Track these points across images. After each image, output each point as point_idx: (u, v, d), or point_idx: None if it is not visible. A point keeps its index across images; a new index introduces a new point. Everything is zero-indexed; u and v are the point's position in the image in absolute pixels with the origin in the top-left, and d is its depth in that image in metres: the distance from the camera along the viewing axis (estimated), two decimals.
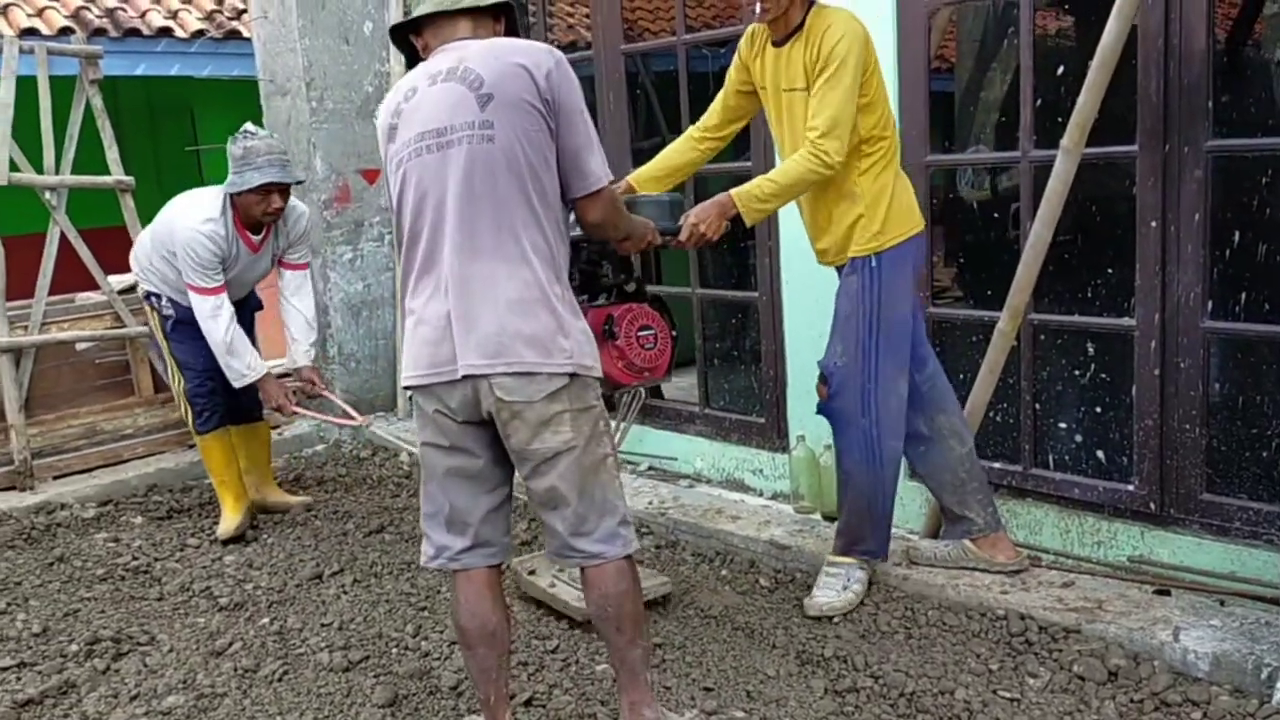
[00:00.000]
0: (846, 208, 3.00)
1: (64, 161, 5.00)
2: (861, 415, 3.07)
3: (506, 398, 2.27)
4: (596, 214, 2.43)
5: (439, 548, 2.46)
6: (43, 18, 7.64)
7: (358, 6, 5.34)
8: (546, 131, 2.31)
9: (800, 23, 2.92)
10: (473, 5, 2.43)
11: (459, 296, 2.28)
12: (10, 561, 4.10)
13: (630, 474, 4.54)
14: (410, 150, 2.34)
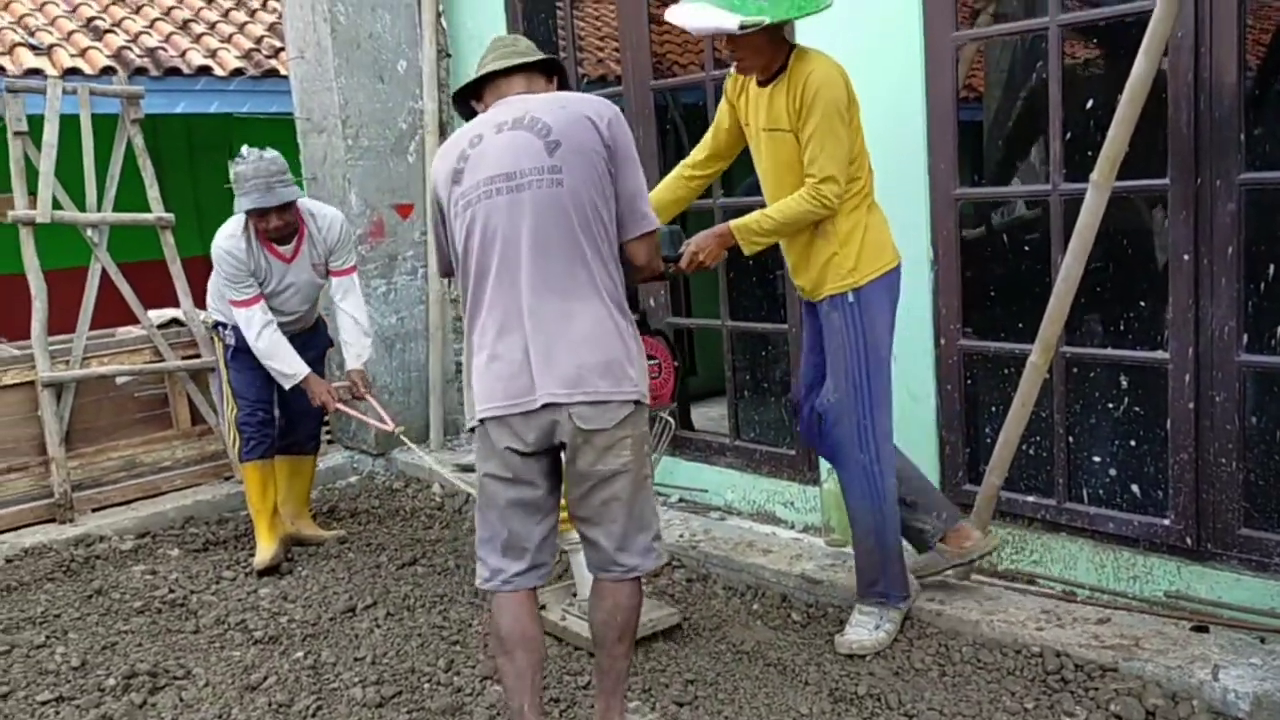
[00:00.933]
0: (821, 246, 3.08)
1: (105, 199, 5.11)
2: (860, 451, 3.11)
3: (585, 426, 2.46)
4: (644, 255, 2.65)
5: (495, 570, 2.61)
6: (85, 58, 7.80)
7: (391, 45, 5.43)
8: (608, 176, 2.53)
9: (783, 65, 3.01)
10: (524, 61, 2.65)
11: (536, 331, 2.46)
12: (50, 594, 4.16)
13: (661, 506, 4.53)
14: (480, 193, 2.51)
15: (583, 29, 9.03)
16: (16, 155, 4.90)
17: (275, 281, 4.23)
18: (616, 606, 2.59)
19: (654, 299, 4.74)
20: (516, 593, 2.60)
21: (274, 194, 3.99)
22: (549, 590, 3.64)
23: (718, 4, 2.85)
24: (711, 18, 2.85)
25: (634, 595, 2.62)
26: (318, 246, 4.30)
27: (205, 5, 9.27)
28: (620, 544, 2.57)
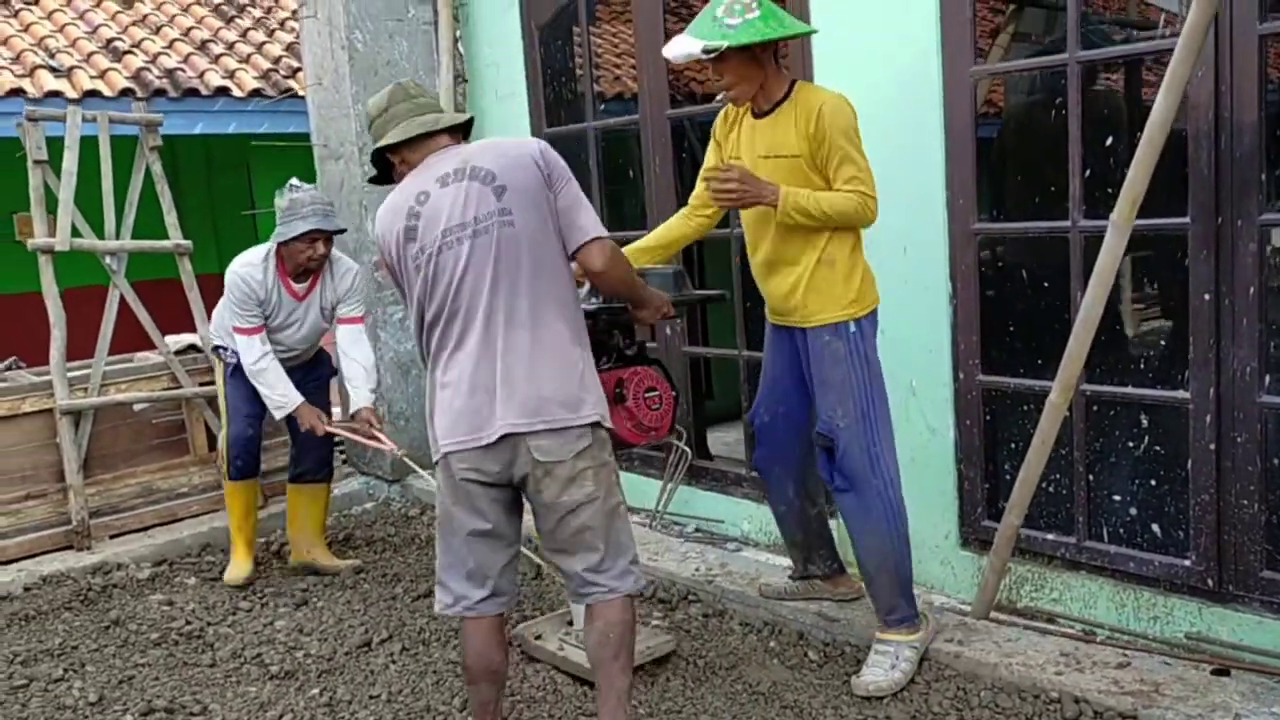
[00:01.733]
0: (824, 273, 3.16)
1: (124, 226, 5.14)
2: (873, 476, 3.17)
3: (542, 458, 2.57)
4: (597, 261, 2.69)
5: (457, 597, 2.72)
6: (105, 79, 7.87)
7: (409, 73, 5.44)
8: (550, 205, 2.65)
9: (785, 95, 3.12)
10: (451, 124, 2.80)
11: (502, 364, 2.58)
12: (68, 624, 4.17)
13: (677, 536, 4.53)
14: (438, 245, 2.63)
15: (599, 45, 9.06)
16: (36, 183, 4.94)
17: (283, 316, 4.32)
18: (608, 624, 2.69)
19: (670, 328, 4.73)
20: (481, 620, 2.72)
21: (330, 220, 4.19)
22: (545, 620, 3.69)
23: (691, 34, 3.02)
24: (683, 45, 3.02)
25: (624, 611, 2.70)
26: (328, 291, 4.40)
27: (224, 25, 9.35)
28: (595, 568, 2.68)
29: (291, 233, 4.12)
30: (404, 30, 5.43)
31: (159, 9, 9.42)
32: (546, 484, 2.61)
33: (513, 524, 2.74)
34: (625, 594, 2.70)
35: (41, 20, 8.67)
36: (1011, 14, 4.86)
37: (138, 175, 5.21)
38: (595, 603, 2.71)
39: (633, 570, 2.73)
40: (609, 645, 2.69)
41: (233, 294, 4.21)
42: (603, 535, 2.67)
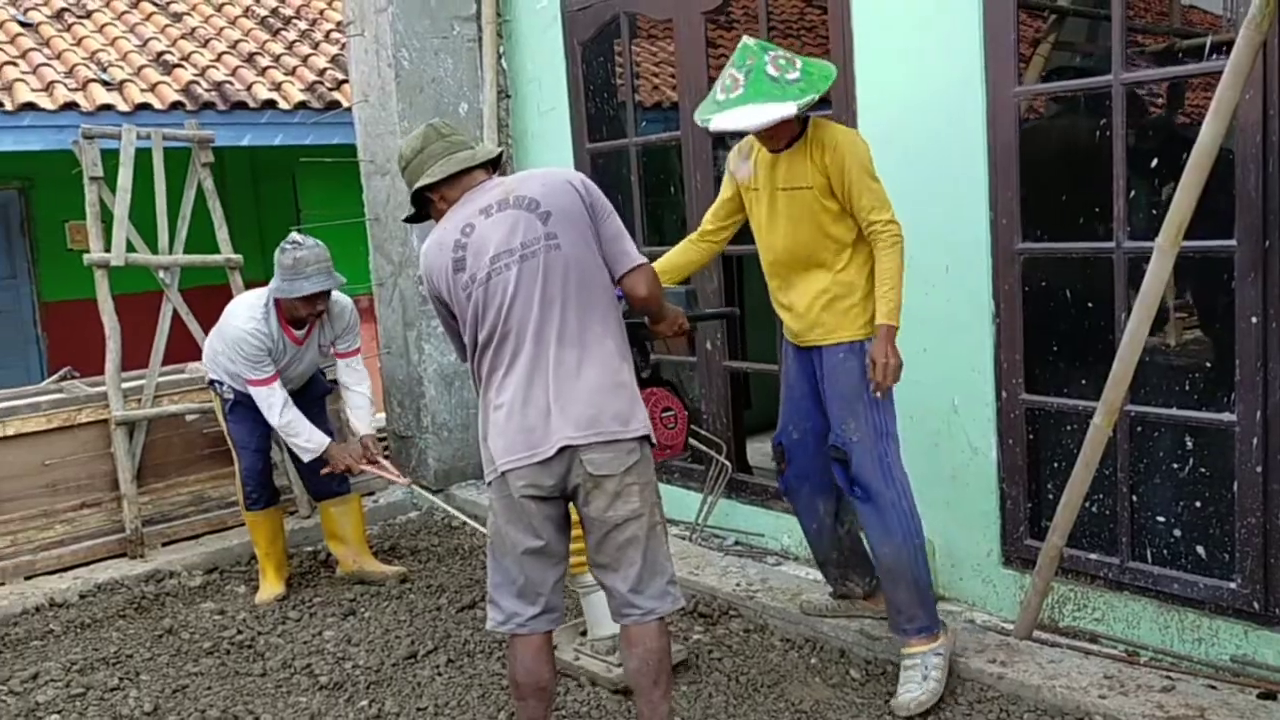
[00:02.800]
0: (843, 294, 3.27)
1: (177, 240, 5.25)
2: (887, 487, 3.26)
3: (594, 471, 2.65)
4: (643, 287, 2.85)
5: (509, 614, 2.79)
6: (155, 93, 8.02)
7: (453, 89, 5.53)
8: (594, 231, 2.77)
9: (800, 133, 3.23)
10: (486, 159, 2.90)
11: (555, 383, 2.66)
12: (122, 632, 4.28)
13: (717, 550, 4.56)
14: (487, 272, 2.72)
15: (637, 54, 9.10)
16: (92, 199, 5.06)
17: (285, 360, 4.43)
18: (647, 651, 2.75)
19: (711, 343, 4.77)
20: (531, 637, 2.78)
21: (333, 277, 4.26)
22: (560, 630, 3.69)
23: (763, 100, 3.07)
24: (772, 111, 3.04)
25: (660, 637, 2.76)
26: (326, 330, 4.52)
27: (270, 38, 9.49)
28: (635, 587, 2.73)
29: (297, 292, 4.19)
30: (449, 48, 5.51)
31: (207, 22, 9.59)
32: (595, 496, 2.68)
33: (562, 541, 2.81)
34: (662, 616, 2.76)
35: (94, 34, 8.86)
36: (1053, 23, 4.85)
37: (189, 190, 5.32)
38: (633, 625, 2.76)
39: (670, 590, 2.79)
40: (648, 673, 2.75)
41: (242, 349, 4.26)
42: (642, 551, 2.73)
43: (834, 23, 4.01)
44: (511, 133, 5.67)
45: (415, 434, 5.78)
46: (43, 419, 4.89)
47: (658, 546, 2.77)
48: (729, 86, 3.15)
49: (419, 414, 5.71)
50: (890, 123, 3.83)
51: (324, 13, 10.24)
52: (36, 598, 4.60)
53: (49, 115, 7.59)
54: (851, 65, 3.93)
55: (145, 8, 9.59)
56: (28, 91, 7.59)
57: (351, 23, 5.64)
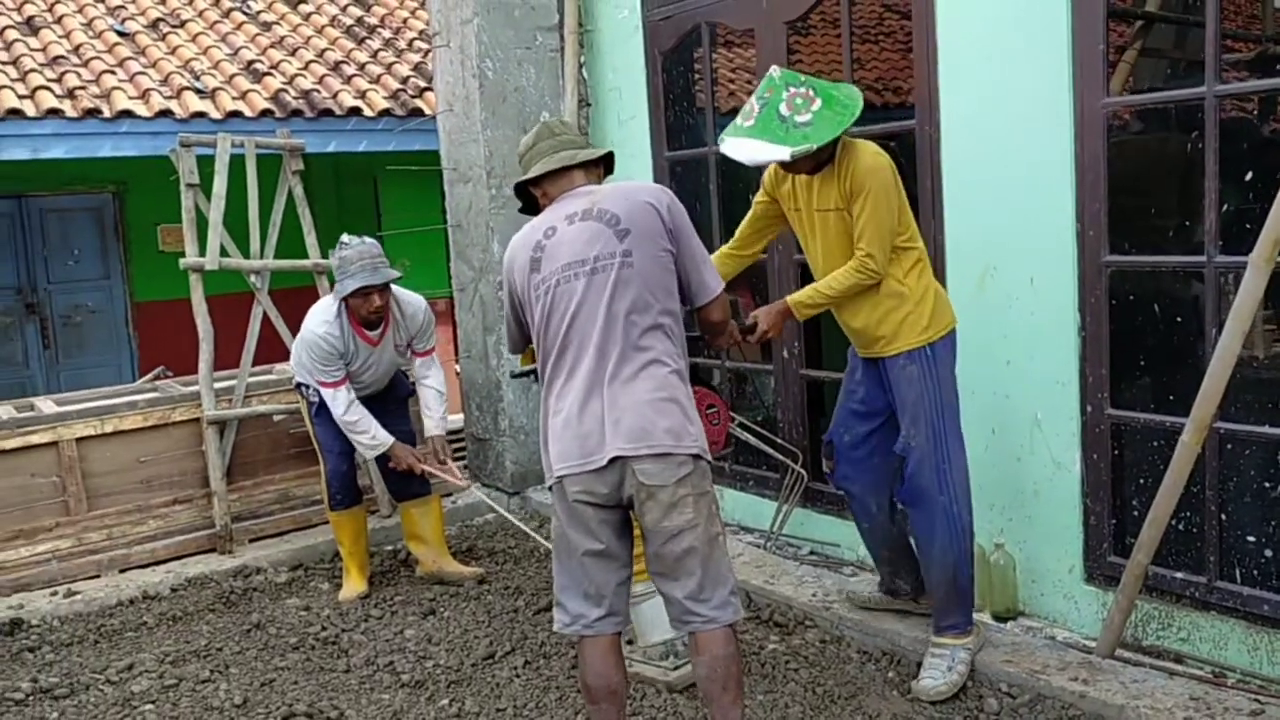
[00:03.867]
0: (895, 304, 3.37)
1: (268, 245, 5.41)
2: (940, 493, 3.37)
3: (646, 481, 2.72)
4: (718, 314, 3.01)
5: (575, 616, 2.85)
6: (246, 100, 8.24)
7: (535, 98, 5.61)
8: (670, 254, 2.85)
9: (830, 156, 3.32)
10: (587, 159, 2.99)
11: (611, 395, 2.75)
12: (212, 625, 4.42)
13: (792, 559, 4.56)
14: (558, 277, 2.82)
15: (715, 60, 9.13)
16: (188, 205, 5.24)
17: (360, 361, 4.55)
18: (714, 658, 2.78)
19: (788, 350, 4.78)
20: (600, 640, 2.84)
21: (379, 273, 4.34)
22: None
23: (766, 138, 3.24)
24: (767, 152, 3.24)
25: (728, 644, 2.80)
26: (400, 331, 4.62)
27: (355, 47, 9.70)
28: (696, 596, 2.78)
29: (344, 290, 4.33)
30: (532, 58, 5.59)
31: (295, 31, 9.83)
32: (650, 506, 2.74)
33: (624, 545, 2.87)
34: (725, 624, 2.79)
35: (187, 43, 9.13)
36: (1139, 30, 4.76)
37: (280, 197, 5.48)
38: (697, 632, 2.81)
39: (732, 601, 2.83)
40: (717, 680, 2.79)
41: (315, 353, 4.41)
42: (701, 561, 2.77)
43: (918, 31, 4.00)
44: (591, 141, 5.73)
45: (493, 437, 5.87)
46: (139, 417, 5.07)
47: (720, 557, 2.82)
48: (746, 114, 3.31)
49: (496, 417, 5.80)
50: (974, 132, 3.81)
51: (407, 21, 10.43)
52: (130, 590, 4.77)
53: (144, 122, 7.84)
54: (935, 74, 3.92)
55: (236, 17, 9.87)
56: (125, 99, 7.86)
57: (438, 34, 5.76)
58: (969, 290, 3.87)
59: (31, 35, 8.65)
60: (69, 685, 3.87)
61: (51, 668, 4.06)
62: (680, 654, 3.64)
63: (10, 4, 9.11)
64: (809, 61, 9.65)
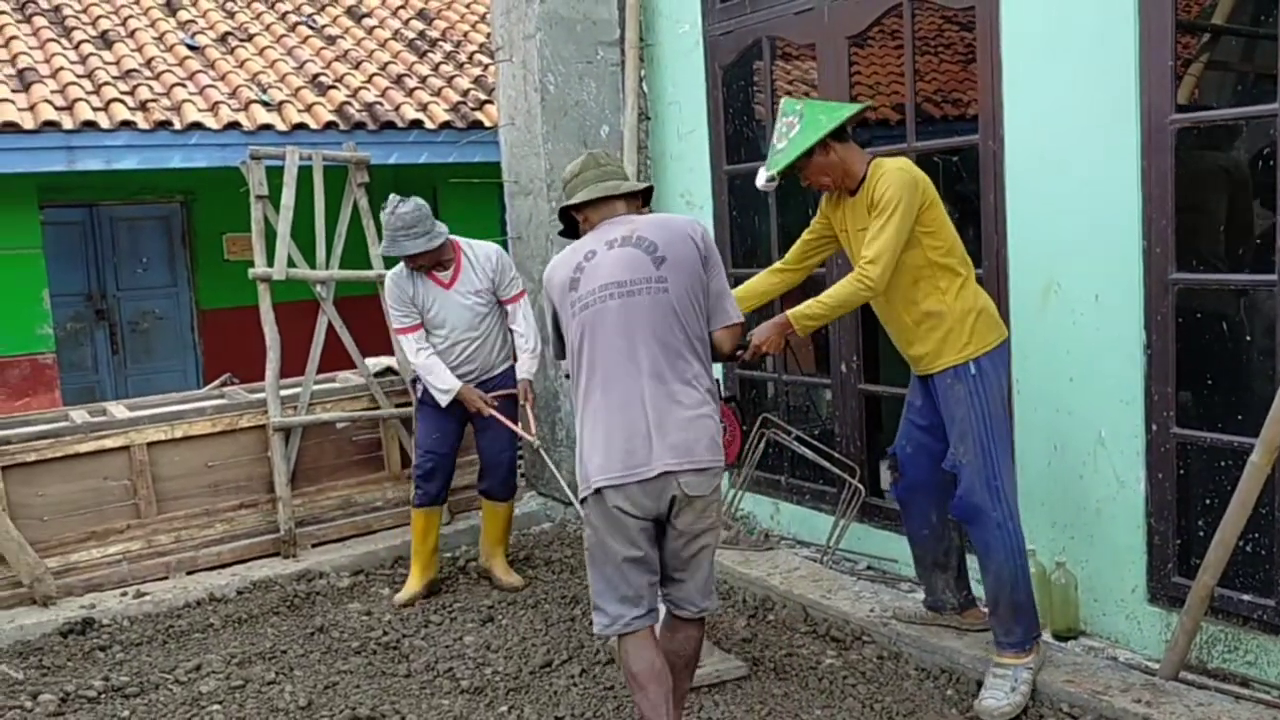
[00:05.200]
0: (934, 324, 3.45)
1: (333, 256, 5.52)
2: (994, 509, 3.41)
3: (690, 492, 2.94)
4: (729, 341, 3.16)
5: (615, 617, 3.03)
6: (311, 113, 8.41)
7: (595, 112, 5.67)
8: (702, 281, 3.05)
9: (864, 174, 3.47)
10: (630, 191, 3.20)
11: (653, 411, 2.92)
12: (276, 628, 4.51)
13: (849, 574, 4.55)
14: (596, 297, 3.01)
15: (774, 73, 9.15)
16: (257, 216, 5.36)
17: (436, 307, 4.70)
18: (688, 638, 3.15)
19: (846, 364, 4.78)
20: (641, 634, 3.02)
21: (397, 245, 4.54)
22: None
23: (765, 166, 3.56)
24: (759, 178, 3.58)
25: (700, 628, 3.19)
26: (476, 273, 4.75)
27: (417, 60, 9.85)
28: (702, 589, 3.12)
29: (389, 253, 4.62)
30: (593, 72, 5.65)
31: (359, 45, 10.00)
32: (686, 512, 2.98)
33: (654, 547, 3.05)
34: (707, 611, 3.15)
35: (255, 57, 9.33)
36: (1205, 43, 4.70)
37: (346, 208, 5.59)
38: (683, 616, 3.13)
39: (714, 592, 3.19)
40: (683, 655, 3.15)
41: (389, 298, 4.72)
42: (710, 558, 3.12)
43: (982, 45, 3.99)
44: (650, 154, 5.78)
45: (550, 446, 5.91)
46: (208, 423, 5.19)
47: (714, 555, 3.18)
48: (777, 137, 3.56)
49: (554, 427, 5.85)
50: (1038, 147, 3.79)
51: (468, 35, 10.57)
52: (197, 592, 4.89)
53: (213, 134, 8.03)
54: (999, 88, 3.90)
55: (302, 31, 10.07)
56: (195, 111, 8.05)
57: (500, 48, 5.84)
58: (1032, 305, 3.85)
59: (106, 49, 8.89)
60: (139, 684, 3.97)
61: (122, 667, 4.18)
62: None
63: (86, 19, 9.38)
64: (867, 74, 9.65)
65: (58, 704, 3.83)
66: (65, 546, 4.89)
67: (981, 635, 3.74)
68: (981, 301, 3.50)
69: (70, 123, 7.58)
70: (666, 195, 5.73)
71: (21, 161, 7.57)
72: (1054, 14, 3.70)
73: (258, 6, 10.43)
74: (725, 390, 3.59)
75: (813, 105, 3.53)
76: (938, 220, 3.44)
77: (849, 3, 4.52)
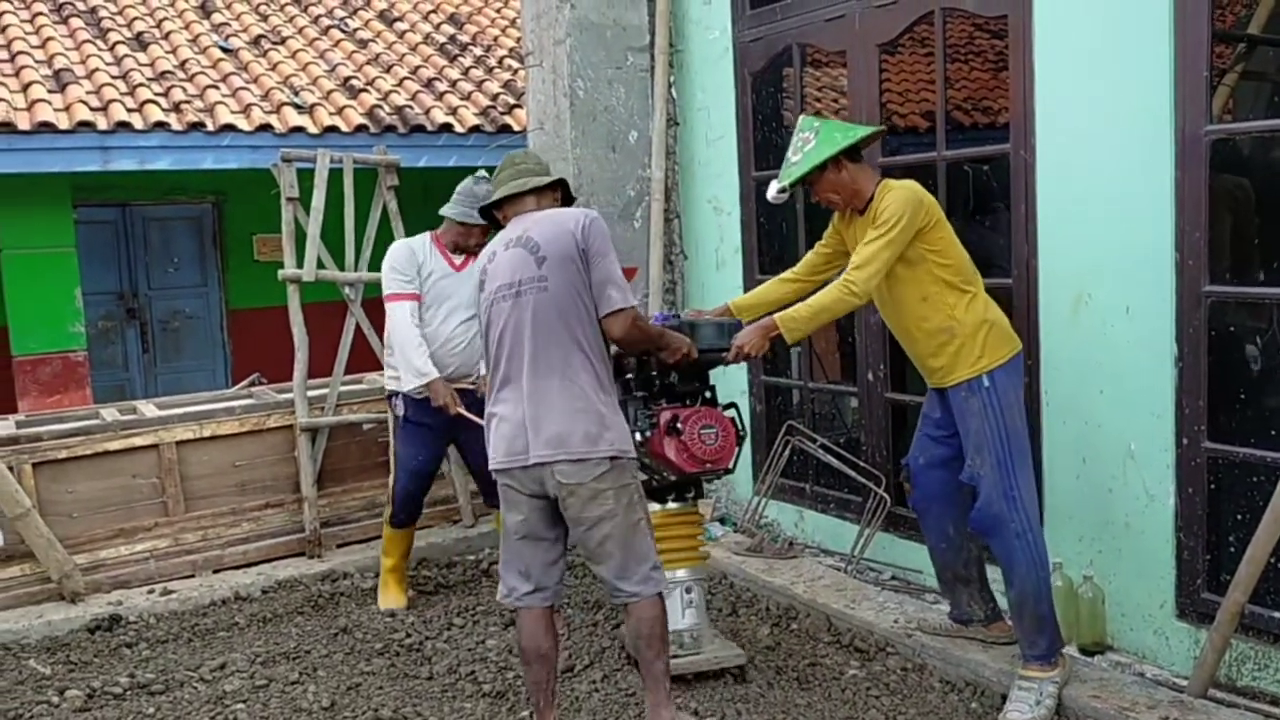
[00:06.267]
0: (945, 339, 3.50)
1: (362, 258, 5.55)
2: (1011, 519, 3.42)
3: (565, 480, 3.12)
4: (617, 330, 3.22)
5: (509, 589, 3.30)
6: (342, 116, 8.46)
7: (624, 117, 5.68)
8: (584, 274, 3.15)
9: (873, 195, 3.55)
10: (535, 187, 3.35)
11: (531, 405, 3.13)
12: (300, 628, 4.53)
13: (873, 584, 4.52)
14: (494, 298, 3.25)
15: (805, 81, 9.13)
16: (288, 218, 5.40)
17: (440, 287, 4.57)
18: (639, 620, 3.24)
19: (874, 374, 4.75)
20: (531, 611, 3.26)
21: (469, 212, 4.48)
22: None
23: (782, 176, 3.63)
24: (771, 189, 3.68)
25: (650, 609, 3.22)
26: None
27: (448, 64, 9.89)
28: (619, 574, 3.20)
29: (459, 216, 4.53)
30: (622, 77, 5.66)
31: (390, 48, 10.06)
32: (571, 502, 3.14)
33: (550, 529, 3.26)
34: (648, 596, 3.20)
35: (287, 59, 9.41)
36: (1239, 53, 4.66)
37: (375, 211, 5.62)
38: (614, 602, 3.28)
39: (653, 576, 3.23)
40: (641, 637, 3.24)
41: (394, 261, 4.54)
42: (620, 545, 3.17)
43: (1014, 54, 3.96)
44: (678, 160, 5.78)
45: None
46: (236, 423, 5.24)
47: (640, 540, 3.22)
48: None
49: None
50: (1070, 157, 3.77)
51: (498, 39, 10.61)
52: (223, 591, 4.92)
53: (245, 136, 8.10)
54: (1032, 98, 3.88)
55: (334, 34, 10.14)
56: (227, 113, 8.13)
57: (530, 53, 5.86)
58: (1062, 317, 3.82)
59: (140, 50, 8.99)
60: (164, 682, 4.00)
61: (148, 664, 4.21)
62: (686, 644, 3.80)
63: (121, 20, 9.48)
64: (896, 81, 9.60)
65: (84, 700, 3.86)
66: (94, 543, 4.94)
67: (1007, 648, 3.72)
68: (993, 315, 3.52)
69: (105, 123, 7.67)
70: (694, 201, 5.73)
71: (56, 161, 7.67)
72: (1088, 23, 3.67)
73: (291, 9, 10.52)
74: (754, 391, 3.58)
75: (829, 124, 3.60)
76: (945, 240, 3.50)
77: (880, 10, 4.50)
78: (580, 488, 3.11)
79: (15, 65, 8.21)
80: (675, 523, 3.84)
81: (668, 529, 3.78)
